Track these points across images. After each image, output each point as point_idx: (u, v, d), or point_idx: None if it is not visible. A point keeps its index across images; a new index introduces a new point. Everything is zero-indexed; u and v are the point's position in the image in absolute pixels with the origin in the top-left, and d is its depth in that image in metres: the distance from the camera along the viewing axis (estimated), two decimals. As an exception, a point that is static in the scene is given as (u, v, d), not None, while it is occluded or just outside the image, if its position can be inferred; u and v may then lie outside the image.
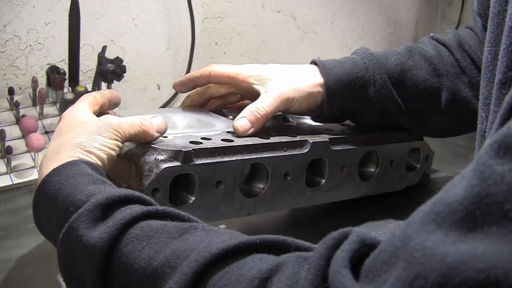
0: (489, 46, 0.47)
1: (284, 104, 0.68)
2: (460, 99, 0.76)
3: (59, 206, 0.48)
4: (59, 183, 0.49)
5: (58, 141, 0.55)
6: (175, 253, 0.39)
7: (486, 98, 0.48)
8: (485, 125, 0.48)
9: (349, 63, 0.72)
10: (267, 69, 0.70)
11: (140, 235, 0.42)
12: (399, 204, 0.82)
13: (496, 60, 0.46)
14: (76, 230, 0.43)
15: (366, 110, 0.73)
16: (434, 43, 0.80)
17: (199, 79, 0.71)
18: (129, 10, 1.05)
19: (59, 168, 0.50)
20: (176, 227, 0.42)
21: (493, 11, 0.46)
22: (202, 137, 0.62)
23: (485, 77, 0.48)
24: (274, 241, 0.39)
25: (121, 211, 0.44)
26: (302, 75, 0.70)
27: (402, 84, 0.74)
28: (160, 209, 0.44)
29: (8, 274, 0.60)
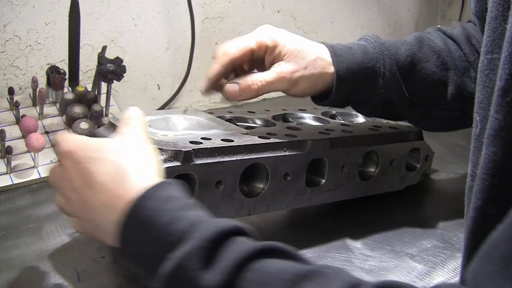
0: (485, 50, 0.47)
1: (284, 84, 0.67)
2: (465, 94, 0.74)
3: (156, 234, 0.45)
4: (152, 209, 0.46)
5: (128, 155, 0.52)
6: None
7: (481, 101, 0.48)
8: (479, 129, 0.47)
9: (360, 51, 0.70)
10: (283, 45, 0.67)
11: (255, 281, 0.41)
12: (399, 204, 0.82)
13: (492, 65, 0.46)
14: (187, 271, 0.42)
15: (371, 100, 0.72)
16: (442, 35, 0.78)
17: (225, 72, 0.66)
18: (129, 10, 1.05)
19: (151, 190, 0.47)
20: (292, 274, 0.41)
21: (490, 16, 0.46)
22: (202, 137, 0.63)
23: (480, 81, 0.48)
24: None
25: (232, 249, 0.43)
26: (315, 61, 0.68)
27: (411, 76, 0.72)
28: (268, 246, 0.43)
29: (8, 274, 0.60)
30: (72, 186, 0.52)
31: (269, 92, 0.67)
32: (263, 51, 0.67)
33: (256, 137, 0.66)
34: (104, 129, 0.66)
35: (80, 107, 0.88)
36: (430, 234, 0.74)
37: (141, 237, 0.46)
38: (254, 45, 0.66)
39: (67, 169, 0.52)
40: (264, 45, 0.66)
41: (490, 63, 0.46)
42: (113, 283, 0.60)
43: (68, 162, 0.52)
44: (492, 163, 0.42)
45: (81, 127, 0.84)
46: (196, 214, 0.46)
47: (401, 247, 0.70)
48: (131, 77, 1.07)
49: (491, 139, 0.42)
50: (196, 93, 1.20)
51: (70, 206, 0.54)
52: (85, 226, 0.53)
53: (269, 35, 0.67)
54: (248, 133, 0.68)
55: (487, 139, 0.43)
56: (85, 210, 0.52)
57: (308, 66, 0.67)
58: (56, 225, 0.71)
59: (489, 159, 0.42)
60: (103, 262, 0.63)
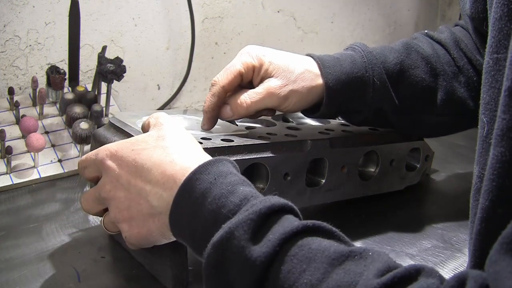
0: (490, 51, 0.47)
1: (275, 100, 0.66)
2: (455, 99, 0.75)
3: (209, 206, 0.47)
4: (207, 182, 0.49)
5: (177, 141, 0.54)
6: (339, 287, 0.40)
7: (488, 103, 0.48)
8: (487, 130, 0.47)
9: (348, 61, 0.70)
10: (269, 63, 0.67)
11: (300, 256, 0.43)
12: (399, 204, 0.82)
13: (498, 66, 0.46)
14: (237, 239, 0.44)
15: (362, 109, 0.72)
16: (430, 40, 0.78)
17: (220, 102, 0.66)
18: (129, 10, 1.05)
19: (206, 165, 0.50)
20: (336, 252, 0.42)
21: (495, 16, 0.46)
22: (202, 137, 0.63)
23: (486, 82, 0.48)
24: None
25: (280, 224, 0.45)
26: (303, 74, 0.67)
27: (400, 83, 0.73)
28: (313, 223, 0.45)
29: (8, 274, 0.60)
30: (120, 184, 0.54)
31: (260, 109, 0.66)
32: (251, 72, 0.66)
33: (256, 137, 0.66)
34: (104, 129, 0.66)
35: (80, 107, 0.88)
36: (430, 234, 0.74)
37: (196, 210, 0.48)
38: (241, 68, 0.66)
39: (113, 170, 0.54)
40: (251, 66, 0.66)
41: (496, 64, 0.46)
42: (113, 283, 0.60)
43: (114, 162, 0.54)
44: (499, 164, 0.42)
45: (81, 127, 0.84)
46: (248, 190, 0.48)
47: (401, 247, 0.70)
48: (131, 77, 1.07)
49: (498, 139, 0.42)
50: (196, 93, 1.20)
51: (118, 211, 0.54)
52: (134, 227, 0.54)
53: (254, 55, 0.66)
54: (248, 133, 0.68)
55: (494, 140, 0.43)
56: (137, 202, 0.53)
57: (297, 80, 0.66)
58: (56, 225, 0.71)
59: (496, 160, 0.42)
60: (103, 262, 0.63)
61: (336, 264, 0.42)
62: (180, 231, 0.51)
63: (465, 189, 0.55)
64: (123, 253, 0.65)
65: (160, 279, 0.59)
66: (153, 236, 0.54)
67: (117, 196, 0.54)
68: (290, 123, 0.81)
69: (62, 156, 0.86)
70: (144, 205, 0.52)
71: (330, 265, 0.42)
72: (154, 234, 0.53)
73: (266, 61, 0.66)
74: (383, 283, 0.39)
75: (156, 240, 0.54)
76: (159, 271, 0.59)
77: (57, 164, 0.85)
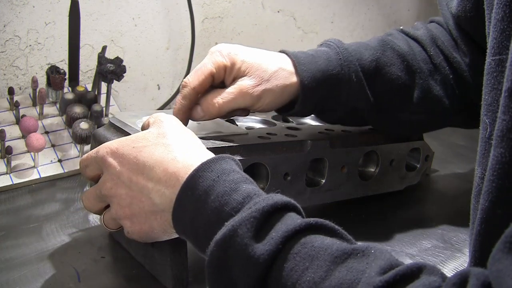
0: (492, 52, 0.47)
1: (248, 100, 0.63)
2: (431, 97, 0.74)
3: (212, 204, 0.48)
4: (210, 179, 0.49)
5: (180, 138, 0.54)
6: (341, 285, 0.40)
7: (490, 104, 0.48)
8: (489, 132, 0.47)
9: (323, 58, 0.68)
10: (242, 62, 0.64)
11: (302, 253, 0.43)
12: (399, 204, 0.82)
13: (500, 67, 0.46)
14: (240, 237, 0.44)
15: (337, 107, 0.70)
16: (405, 37, 0.76)
17: (191, 104, 0.64)
18: (129, 10, 1.05)
19: (209, 162, 0.50)
20: (338, 250, 0.43)
21: (496, 17, 0.46)
22: (202, 138, 0.62)
23: (488, 83, 0.48)
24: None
25: (283, 221, 0.45)
26: (277, 72, 0.65)
27: (376, 81, 0.71)
28: (316, 221, 0.45)
29: (8, 274, 0.60)
30: (121, 181, 0.54)
31: (233, 109, 0.64)
32: (223, 72, 0.64)
33: (256, 137, 0.66)
34: (104, 129, 0.66)
35: (80, 107, 0.88)
36: (430, 234, 0.74)
37: (199, 207, 0.48)
38: (213, 68, 0.63)
39: (114, 167, 0.54)
40: (222, 65, 0.63)
41: (498, 65, 0.46)
42: (113, 283, 0.60)
43: (114, 160, 0.54)
44: (499, 165, 0.42)
45: (81, 127, 0.84)
46: (251, 187, 0.48)
47: (401, 247, 0.70)
48: (131, 77, 1.07)
49: (498, 140, 0.42)
50: (196, 93, 1.19)
51: (119, 208, 0.55)
52: (136, 224, 0.54)
53: (225, 54, 0.64)
54: (248, 133, 0.68)
55: (494, 141, 0.43)
56: (138, 199, 0.53)
57: (270, 79, 0.64)
58: (56, 225, 0.71)
59: (496, 161, 0.42)
60: (103, 262, 0.63)
61: (338, 261, 0.42)
62: (183, 229, 0.51)
63: (465, 189, 0.55)
64: (123, 253, 0.65)
65: (160, 279, 0.59)
66: (155, 233, 0.54)
67: (118, 193, 0.54)
68: (290, 123, 0.81)
69: (62, 156, 0.86)
70: (146, 203, 0.52)
71: (332, 262, 0.42)
72: (156, 231, 0.54)
73: (238, 60, 0.64)
74: (386, 281, 0.39)
75: (158, 236, 0.55)
76: (159, 271, 0.59)
77: (57, 164, 0.85)
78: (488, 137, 0.47)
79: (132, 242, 0.63)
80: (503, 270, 0.35)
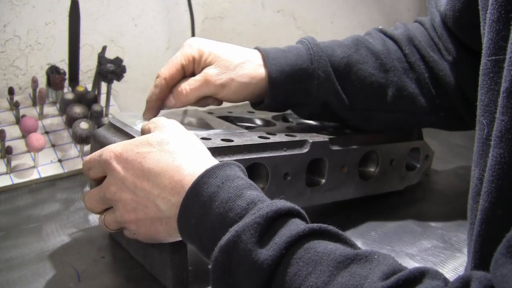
0: (488, 53, 0.47)
1: (211, 88, 0.67)
2: (406, 95, 0.74)
3: (216, 209, 0.48)
4: (215, 186, 0.49)
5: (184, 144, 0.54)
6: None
7: (487, 105, 0.48)
8: (486, 132, 0.47)
9: (294, 53, 0.70)
10: (209, 53, 0.68)
11: (306, 258, 0.43)
12: (399, 204, 0.82)
13: (497, 68, 0.46)
14: (244, 243, 0.44)
15: (308, 102, 0.72)
16: (382, 36, 0.78)
17: (161, 93, 0.68)
18: (129, 10, 1.05)
19: (213, 169, 0.50)
20: (341, 255, 0.43)
21: (491, 18, 0.46)
22: (202, 137, 0.63)
23: (484, 84, 0.48)
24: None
25: (286, 227, 0.45)
26: (243, 64, 0.68)
27: (347, 78, 0.72)
28: (319, 227, 0.45)
29: (8, 274, 0.60)
30: (125, 186, 0.54)
31: (200, 96, 0.68)
32: (192, 64, 0.68)
33: (256, 137, 0.66)
34: (104, 129, 0.66)
35: (80, 107, 0.88)
36: (430, 234, 0.74)
37: (204, 213, 0.49)
38: (183, 60, 0.67)
39: (118, 172, 0.54)
40: (191, 57, 0.68)
41: (494, 65, 0.46)
42: (113, 283, 0.60)
43: (118, 164, 0.54)
44: (499, 165, 0.42)
45: (81, 127, 0.84)
46: (255, 193, 0.49)
47: (401, 247, 0.70)
48: (131, 77, 1.07)
49: (497, 141, 0.42)
50: (196, 93, 1.19)
51: (125, 212, 0.55)
52: (142, 227, 0.55)
53: (195, 47, 0.68)
54: (248, 133, 0.68)
55: (493, 141, 0.43)
56: (144, 204, 0.53)
57: (236, 69, 0.67)
58: (56, 225, 0.71)
59: (495, 161, 0.42)
60: (103, 262, 0.63)
61: (341, 267, 0.42)
62: (188, 235, 0.51)
63: (465, 189, 0.55)
64: (123, 253, 0.65)
65: (160, 279, 0.59)
66: (160, 237, 0.54)
67: (123, 198, 0.54)
68: (290, 123, 0.81)
69: (62, 156, 0.86)
70: (151, 208, 0.53)
71: (335, 268, 0.42)
72: (161, 235, 0.54)
73: (206, 52, 0.68)
74: (388, 286, 0.39)
75: (163, 239, 0.55)
76: (159, 271, 0.59)
77: (57, 164, 0.85)
78: (485, 138, 0.47)
79: (132, 242, 0.63)
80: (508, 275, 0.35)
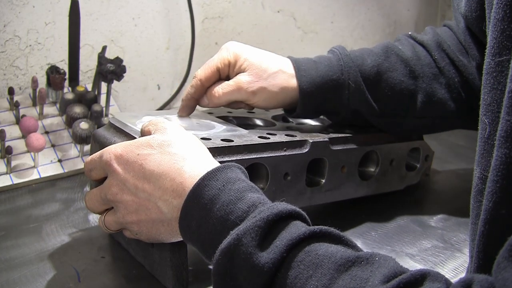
0: (491, 52, 0.47)
1: (243, 94, 0.69)
2: (436, 101, 0.75)
3: (217, 212, 0.48)
4: (216, 188, 0.49)
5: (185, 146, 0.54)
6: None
7: (490, 104, 0.48)
8: (488, 132, 0.47)
9: (324, 64, 0.72)
10: (244, 59, 0.70)
11: (306, 261, 0.43)
12: (399, 204, 0.82)
13: (501, 67, 0.46)
14: (245, 246, 0.44)
15: (339, 110, 0.74)
16: (412, 42, 0.79)
17: (196, 93, 0.71)
18: (129, 10, 1.05)
19: (214, 171, 0.50)
20: (342, 258, 0.43)
21: (496, 17, 0.46)
22: (202, 137, 0.62)
23: (487, 84, 0.48)
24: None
25: (287, 230, 0.45)
26: (276, 74, 0.70)
27: (377, 86, 0.74)
28: (320, 229, 0.45)
29: (8, 274, 0.60)
30: (127, 188, 0.54)
31: (231, 100, 0.71)
32: (227, 67, 0.70)
33: (256, 137, 0.66)
34: (104, 129, 0.66)
35: (80, 107, 0.88)
36: (430, 234, 0.74)
37: (205, 216, 0.49)
38: (219, 64, 0.70)
39: (119, 173, 0.54)
40: (227, 61, 0.70)
41: (498, 65, 0.46)
42: (113, 283, 0.60)
43: (119, 166, 0.54)
44: (503, 165, 0.42)
45: (81, 127, 0.84)
46: (256, 196, 0.49)
47: (401, 247, 0.70)
48: (131, 77, 1.07)
49: (502, 141, 0.42)
50: (196, 93, 1.19)
51: (126, 213, 0.55)
52: (144, 228, 0.55)
53: (231, 51, 0.71)
54: (248, 133, 0.68)
55: (498, 141, 0.42)
56: (145, 206, 0.53)
57: (268, 78, 0.70)
58: (56, 225, 0.71)
59: (500, 161, 0.42)
60: (103, 262, 0.63)
61: (342, 269, 0.42)
62: (189, 237, 0.51)
63: (465, 189, 0.55)
64: (123, 253, 0.65)
65: (160, 279, 0.59)
66: (163, 237, 0.55)
67: (125, 200, 0.54)
68: (290, 123, 0.81)
69: (62, 156, 0.86)
70: (153, 210, 0.53)
71: (336, 271, 0.42)
72: (163, 236, 0.54)
73: (241, 58, 0.70)
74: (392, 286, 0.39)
75: (165, 239, 0.55)
76: (159, 271, 0.59)
77: (57, 164, 0.85)
78: (487, 137, 0.47)
79: (132, 242, 0.63)
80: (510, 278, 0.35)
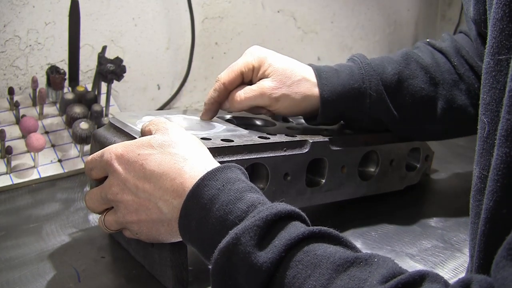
0: (491, 52, 0.47)
1: (266, 100, 0.69)
2: (456, 107, 0.76)
3: (216, 212, 0.48)
4: (215, 188, 0.49)
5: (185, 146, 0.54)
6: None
7: (489, 103, 0.48)
8: (487, 131, 0.47)
9: (346, 73, 0.72)
10: (268, 65, 0.70)
11: (305, 261, 0.43)
12: (399, 204, 0.82)
13: (500, 67, 0.46)
14: (243, 245, 0.44)
15: (360, 118, 0.74)
16: (431, 49, 0.79)
17: (219, 96, 0.70)
18: (129, 10, 1.05)
19: (214, 171, 0.50)
20: (341, 258, 0.43)
21: (495, 17, 0.46)
22: (202, 137, 0.63)
23: (486, 83, 0.48)
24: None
25: (286, 230, 0.45)
26: (299, 81, 0.70)
27: (398, 94, 0.74)
28: (319, 230, 0.45)
29: (8, 274, 0.60)
30: (127, 188, 0.54)
31: (253, 105, 0.70)
32: (251, 72, 0.70)
33: (256, 137, 0.66)
34: (104, 129, 0.66)
35: (80, 107, 0.88)
36: (430, 234, 0.74)
37: (204, 215, 0.49)
38: (242, 68, 0.69)
39: (119, 173, 0.54)
40: (251, 65, 0.70)
41: (497, 64, 0.46)
42: (113, 283, 0.60)
43: (120, 165, 0.54)
44: (504, 164, 0.42)
45: (81, 127, 0.84)
46: (256, 196, 0.49)
47: (401, 247, 0.70)
48: (131, 77, 1.07)
49: (502, 140, 0.42)
50: (196, 93, 1.20)
51: (126, 213, 0.55)
52: (144, 228, 0.55)
53: (256, 56, 0.70)
54: (248, 133, 0.68)
55: (498, 140, 0.42)
56: (145, 206, 0.53)
57: (292, 85, 0.69)
58: (56, 225, 0.71)
59: (500, 160, 0.42)
60: (103, 262, 0.63)
61: (341, 270, 0.42)
62: (189, 237, 0.51)
63: (465, 189, 0.55)
64: (123, 253, 0.65)
65: (160, 279, 0.59)
66: (163, 237, 0.55)
67: (125, 199, 0.54)
68: (290, 123, 0.81)
69: (62, 156, 0.86)
70: (153, 210, 0.53)
71: (335, 271, 0.42)
72: (163, 236, 0.54)
73: (266, 63, 0.70)
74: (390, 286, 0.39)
75: (165, 239, 0.55)
76: (159, 271, 0.59)
77: (57, 164, 0.85)
78: (486, 136, 0.47)
79: (132, 242, 0.63)
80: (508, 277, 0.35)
